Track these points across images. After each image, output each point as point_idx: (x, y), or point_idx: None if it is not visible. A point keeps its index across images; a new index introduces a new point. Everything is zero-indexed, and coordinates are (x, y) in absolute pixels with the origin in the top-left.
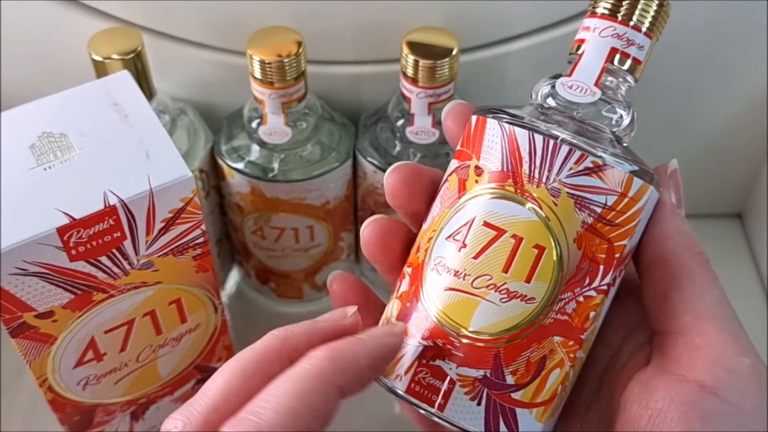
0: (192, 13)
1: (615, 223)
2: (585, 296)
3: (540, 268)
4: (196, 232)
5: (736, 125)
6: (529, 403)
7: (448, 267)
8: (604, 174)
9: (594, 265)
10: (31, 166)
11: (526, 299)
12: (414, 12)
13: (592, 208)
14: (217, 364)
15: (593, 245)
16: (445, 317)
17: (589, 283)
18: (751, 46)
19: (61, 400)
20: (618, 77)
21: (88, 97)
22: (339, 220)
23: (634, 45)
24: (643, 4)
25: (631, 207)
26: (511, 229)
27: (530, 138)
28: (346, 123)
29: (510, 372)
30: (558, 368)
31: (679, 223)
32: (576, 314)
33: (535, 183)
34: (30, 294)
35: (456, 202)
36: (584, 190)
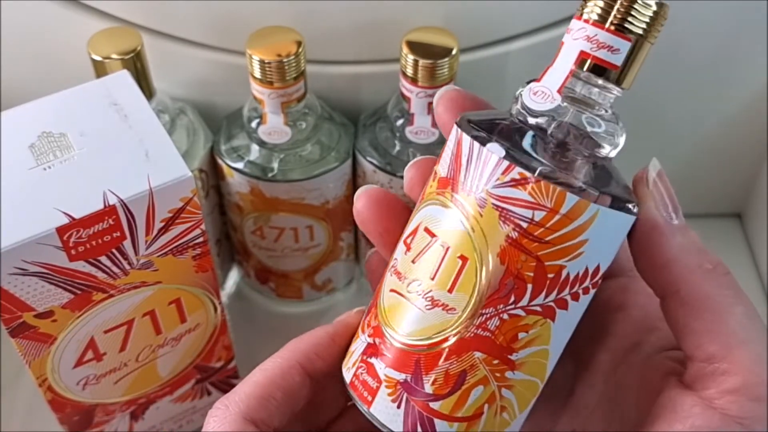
0: (191, 13)
1: (544, 241)
2: (510, 314)
3: (462, 279)
4: (195, 232)
5: (736, 125)
6: (449, 416)
7: (397, 269)
8: (531, 188)
9: (520, 283)
10: (30, 165)
11: (447, 309)
12: (414, 12)
13: (518, 222)
14: (216, 364)
15: (518, 261)
16: (384, 317)
17: (515, 301)
18: (751, 46)
19: (61, 400)
20: (590, 82)
21: (87, 97)
22: (338, 220)
23: (606, 48)
24: (621, 3)
25: (564, 225)
26: (442, 237)
27: (470, 145)
28: (346, 123)
29: (429, 381)
30: (481, 385)
31: (679, 240)
32: (500, 332)
33: (467, 191)
34: (30, 294)
35: (417, 206)
36: (509, 203)
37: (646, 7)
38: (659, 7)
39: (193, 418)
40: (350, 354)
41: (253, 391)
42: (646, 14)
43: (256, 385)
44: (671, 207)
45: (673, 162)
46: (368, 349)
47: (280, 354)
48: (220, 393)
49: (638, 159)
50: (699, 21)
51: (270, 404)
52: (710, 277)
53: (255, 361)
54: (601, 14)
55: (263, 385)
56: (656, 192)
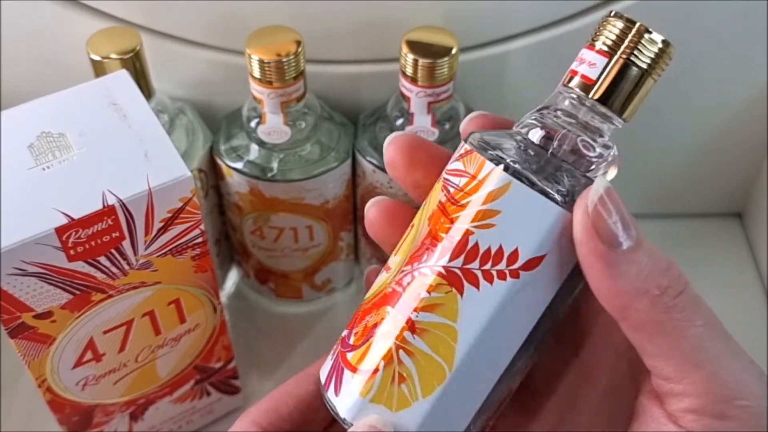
0: (191, 13)
1: (460, 204)
2: (420, 272)
3: (404, 243)
4: (194, 232)
5: (736, 125)
6: (354, 367)
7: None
8: (466, 158)
9: (434, 243)
10: (29, 166)
11: (387, 269)
12: (413, 11)
13: (449, 188)
14: (216, 364)
15: (438, 223)
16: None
17: (426, 260)
18: (751, 46)
19: (60, 401)
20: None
21: (86, 97)
22: (338, 220)
23: (585, 63)
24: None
25: (477, 189)
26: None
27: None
28: (345, 122)
29: (354, 333)
30: (384, 340)
31: (623, 269)
32: (410, 288)
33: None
34: (29, 294)
35: None
36: (450, 173)
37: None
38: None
39: (192, 419)
40: None
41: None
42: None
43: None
44: (617, 231)
45: (673, 162)
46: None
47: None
48: (219, 393)
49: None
50: (699, 21)
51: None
52: (659, 303)
53: (255, 361)
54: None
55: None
56: (596, 218)
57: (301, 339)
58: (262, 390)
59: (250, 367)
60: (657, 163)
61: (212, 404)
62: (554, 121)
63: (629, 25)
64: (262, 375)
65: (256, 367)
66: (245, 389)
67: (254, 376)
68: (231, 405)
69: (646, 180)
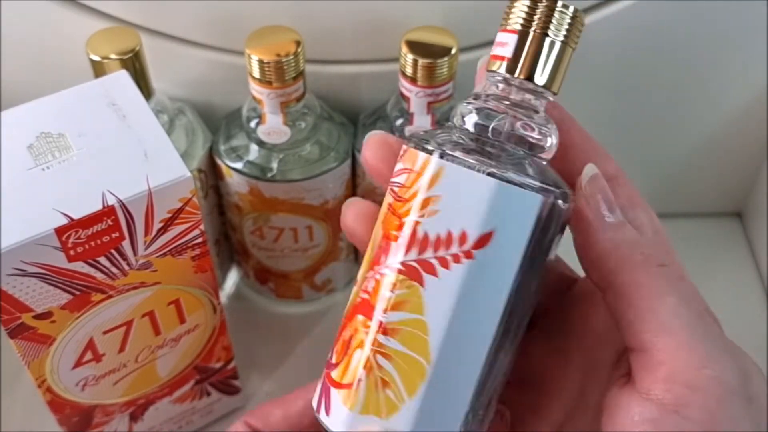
0: (190, 13)
1: (404, 198)
2: (380, 274)
3: (366, 254)
4: (194, 233)
5: (736, 125)
6: (338, 383)
7: None
8: (405, 156)
9: (386, 243)
10: (29, 166)
11: (355, 282)
12: (413, 11)
13: (393, 189)
14: (216, 364)
15: (390, 224)
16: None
17: (384, 260)
18: (751, 46)
19: (60, 401)
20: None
21: (86, 97)
22: (338, 220)
23: (503, 45)
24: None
25: (416, 180)
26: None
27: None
28: (345, 122)
29: (335, 351)
30: (359, 349)
31: (610, 235)
32: (374, 292)
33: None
34: (28, 295)
35: None
36: (394, 175)
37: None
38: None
39: (192, 419)
40: None
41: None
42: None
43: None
44: (605, 205)
45: (673, 162)
46: None
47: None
48: (219, 394)
49: (639, 158)
50: (699, 22)
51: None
52: (641, 268)
53: (255, 361)
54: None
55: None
56: (588, 191)
57: (301, 339)
58: (262, 390)
59: (250, 367)
60: (657, 163)
61: (212, 404)
62: (487, 105)
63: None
64: (262, 375)
65: (256, 367)
66: (245, 389)
67: (254, 376)
68: (231, 405)
69: (646, 179)
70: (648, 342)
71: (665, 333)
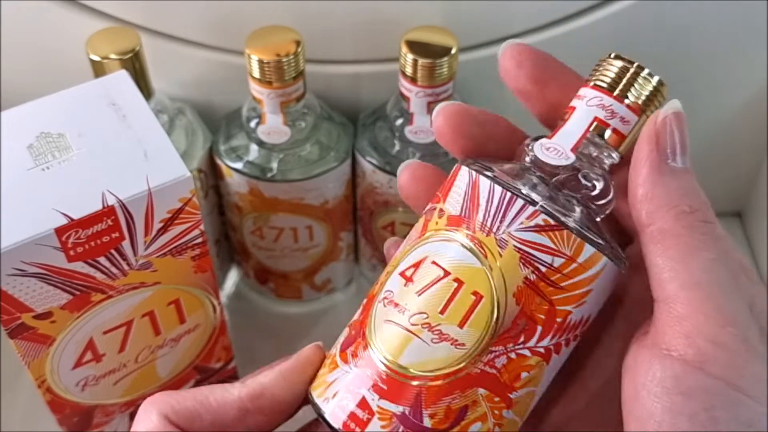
0: (190, 13)
1: (560, 286)
2: (518, 353)
3: (474, 316)
4: (194, 233)
5: (736, 125)
6: None
7: (393, 300)
8: (554, 234)
9: (531, 324)
10: (29, 166)
11: (456, 344)
12: (413, 11)
13: (537, 265)
14: (216, 364)
15: (533, 303)
16: (379, 348)
17: (524, 341)
18: (751, 46)
19: (60, 401)
20: (602, 150)
21: (86, 97)
22: (338, 220)
23: (617, 117)
24: (640, 81)
25: (579, 273)
26: (454, 272)
27: (491, 187)
28: (345, 122)
29: (428, 414)
30: (479, 422)
31: (666, 179)
32: (506, 370)
33: (486, 231)
34: (28, 295)
35: (417, 240)
36: (531, 246)
37: (657, 87)
38: (660, 84)
39: None
40: (325, 384)
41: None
42: (657, 93)
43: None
44: (673, 148)
45: None
46: (356, 380)
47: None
48: None
49: None
50: (699, 21)
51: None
52: (684, 219)
53: (255, 361)
54: (620, 87)
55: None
56: (661, 129)
57: (301, 339)
58: None
59: (250, 367)
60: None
61: None
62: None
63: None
64: None
65: (256, 367)
66: None
67: None
68: None
69: None
70: (675, 294)
71: (694, 287)
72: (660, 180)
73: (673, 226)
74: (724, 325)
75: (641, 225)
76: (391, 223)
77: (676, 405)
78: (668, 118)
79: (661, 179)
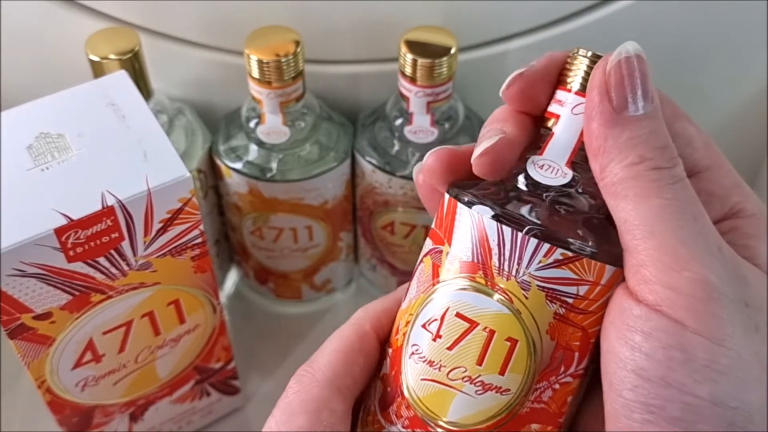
0: (189, 13)
1: (588, 311)
2: (561, 383)
3: (513, 361)
4: (194, 233)
5: (736, 125)
6: None
7: (425, 357)
8: (574, 265)
9: (569, 354)
10: (28, 166)
11: (501, 391)
12: (412, 11)
13: (564, 299)
14: (215, 364)
15: (567, 335)
16: (423, 407)
17: (564, 371)
18: (751, 46)
19: (60, 402)
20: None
21: (85, 98)
22: (337, 220)
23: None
24: None
25: (604, 293)
26: (483, 322)
27: (498, 229)
28: (345, 122)
29: None
30: None
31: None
32: (553, 401)
33: (505, 276)
34: (28, 295)
35: (430, 287)
36: (555, 283)
37: None
38: None
39: (192, 419)
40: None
41: (336, 358)
42: None
43: (338, 352)
44: (624, 96)
45: None
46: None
47: (353, 321)
48: (219, 394)
49: None
50: (699, 21)
51: (354, 371)
52: (631, 169)
53: (255, 361)
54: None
55: (345, 352)
56: (612, 78)
57: (301, 339)
58: (262, 390)
59: (250, 367)
60: None
61: (212, 405)
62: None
63: None
64: (262, 375)
65: (256, 367)
66: (245, 389)
67: (254, 376)
68: (231, 405)
69: None
70: (632, 244)
71: (647, 235)
72: (610, 133)
73: (622, 178)
74: (680, 270)
75: (597, 180)
76: (391, 223)
77: (636, 343)
78: (621, 63)
79: (612, 132)
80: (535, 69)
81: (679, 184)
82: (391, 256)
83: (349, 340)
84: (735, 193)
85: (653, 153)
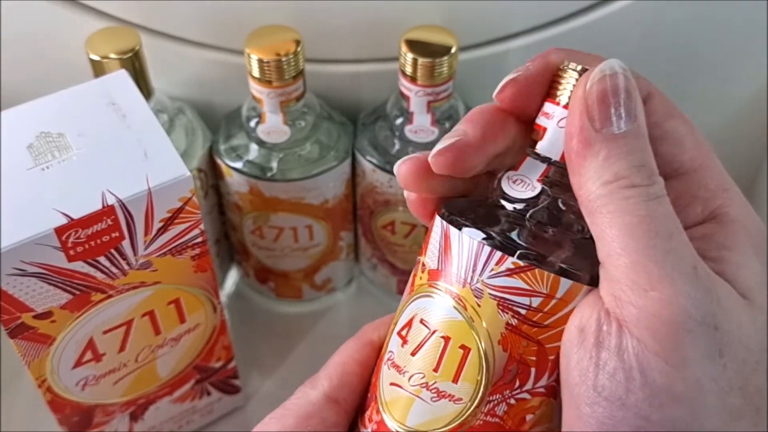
0: (190, 12)
1: (544, 325)
2: (517, 399)
3: (466, 369)
4: (194, 232)
5: (736, 125)
6: None
7: (395, 362)
8: (526, 275)
9: (524, 368)
10: (29, 166)
11: (454, 399)
12: (413, 10)
13: (516, 309)
14: (216, 364)
15: (519, 347)
16: (388, 411)
17: (520, 385)
18: (751, 46)
19: (60, 401)
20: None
21: (85, 97)
22: (338, 220)
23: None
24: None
25: (561, 308)
26: (440, 329)
27: (459, 237)
28: (345, 122)
29: None
30: None
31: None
32: (509, 417)
33: (462, 283)
34: (28, 294)
35: (408, 297)
36: (506, 292)
37: None
38: None
39: (192, 419)
40: None
41: (334, 370)
42: None
43: (337, 363)
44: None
45: None
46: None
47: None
48: (219, 393)
49: None
50: (699, 21)
51: (352, 381)
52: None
53: (255, 361)
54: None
55: (344, 363)
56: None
57: (301, 339)
58: (262, 390)
59: (250, 367)
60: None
61: (212, 404)
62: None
63: None
64: (262, 375)
65: (256, 367)
66: (245, 389)
67: (254, 376)
68: (231, 405)
69: None
70: (605, 260)
71: (618, 254)
72: (589, 152)
73: (598, 195)
74: (649, 290)
75: (576, 195)
76: (392, 223)
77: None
78: (603, 79)
79: (590, 151)
80: (528, 74)
81: (654, 202)
82: (392, 256)
83: (350, 351)
84: (720, 196)
85: (629, 171)
